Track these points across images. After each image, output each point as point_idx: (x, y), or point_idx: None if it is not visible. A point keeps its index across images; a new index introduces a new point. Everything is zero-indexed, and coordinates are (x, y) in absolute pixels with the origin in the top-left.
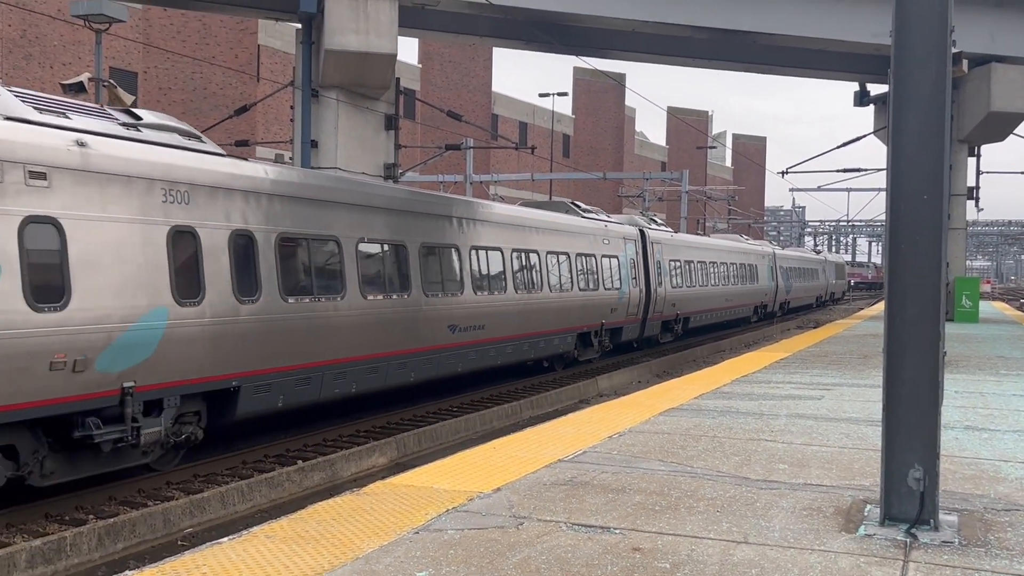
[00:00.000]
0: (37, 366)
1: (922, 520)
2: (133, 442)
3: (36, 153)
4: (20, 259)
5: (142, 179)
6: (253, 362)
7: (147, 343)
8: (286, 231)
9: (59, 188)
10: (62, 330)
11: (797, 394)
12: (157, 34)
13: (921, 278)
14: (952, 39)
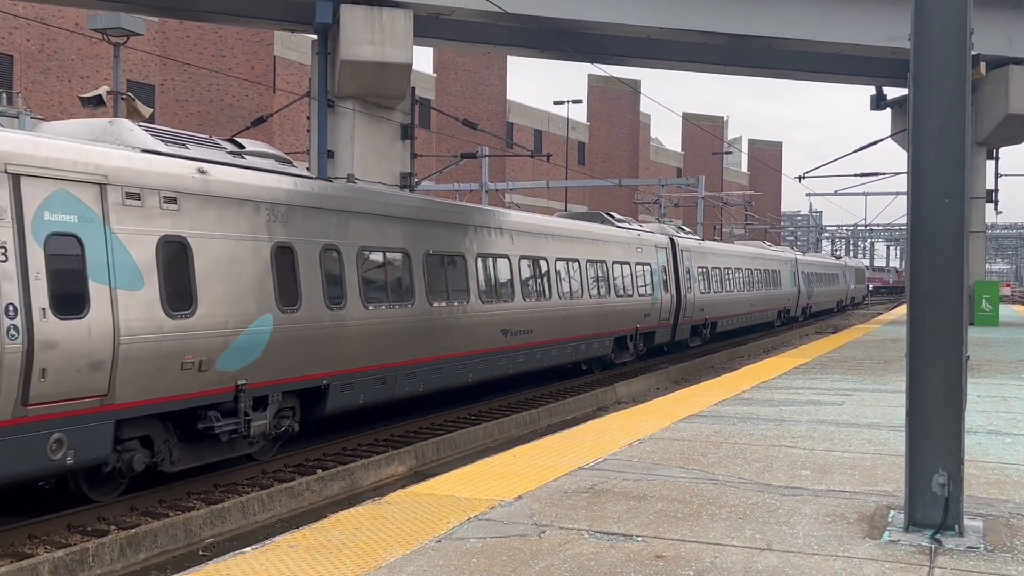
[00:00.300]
0: (171, 366)
1: (947, 526)
2: (244, 434)
3: (168, 181)
4: (159, 273)
5: (250, 201)
6: (339, 363)
7: (257, 345)
8: (365, 245)
9: (186, 211)
10: (191, 334)
11: (818, 400)
12: (174, 47)
13: (943, 282)
14: (971, 41)
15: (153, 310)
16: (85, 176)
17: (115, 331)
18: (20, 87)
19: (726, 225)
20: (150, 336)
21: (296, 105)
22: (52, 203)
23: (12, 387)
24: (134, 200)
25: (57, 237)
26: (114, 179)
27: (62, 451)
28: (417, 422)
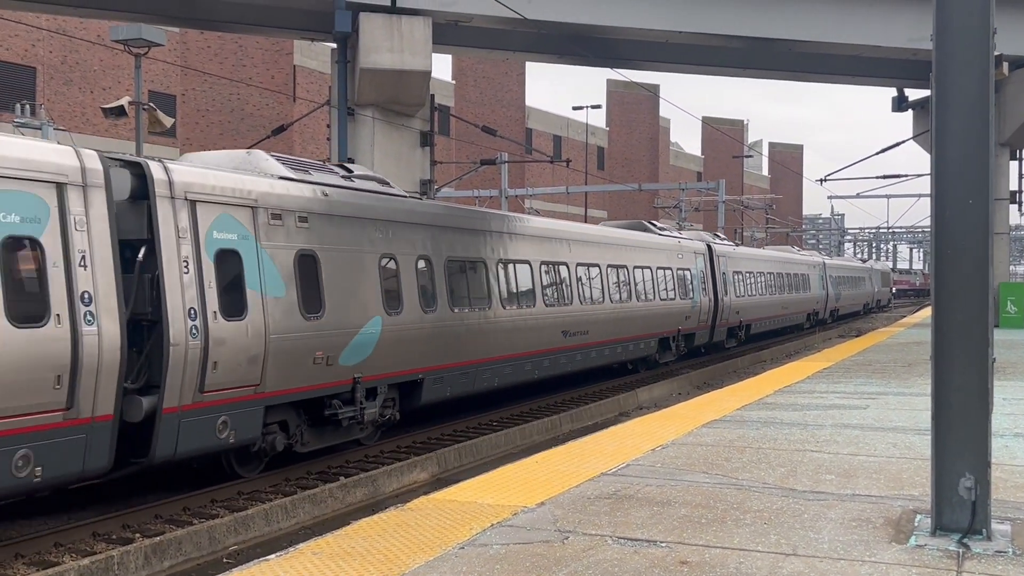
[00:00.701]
0: (306, 360)
1: (974, 530)
2: (359, 420)
3: (301, 203)
4: (296, 281)
5: (361, 219)
6: (431, 360)
7: (369, 344)
8: (451, 255)
9: (315, 228)
10: (320, 334)
11: (841, 404)
12: (194, 57)
13: (968, 283)
14: (993, 41)
15: (293, 313)
16: (241, 201)
17: (266, 330)
18: (43, 98)
19: (747, 228)
20: (291, 335)
21: (316, 114)
22: (219, 224)
23: (193, 377)
24: (277, 220)
25: (223, 252)
26: (262, 203)
27: (227, 431)
28: (439, 428)
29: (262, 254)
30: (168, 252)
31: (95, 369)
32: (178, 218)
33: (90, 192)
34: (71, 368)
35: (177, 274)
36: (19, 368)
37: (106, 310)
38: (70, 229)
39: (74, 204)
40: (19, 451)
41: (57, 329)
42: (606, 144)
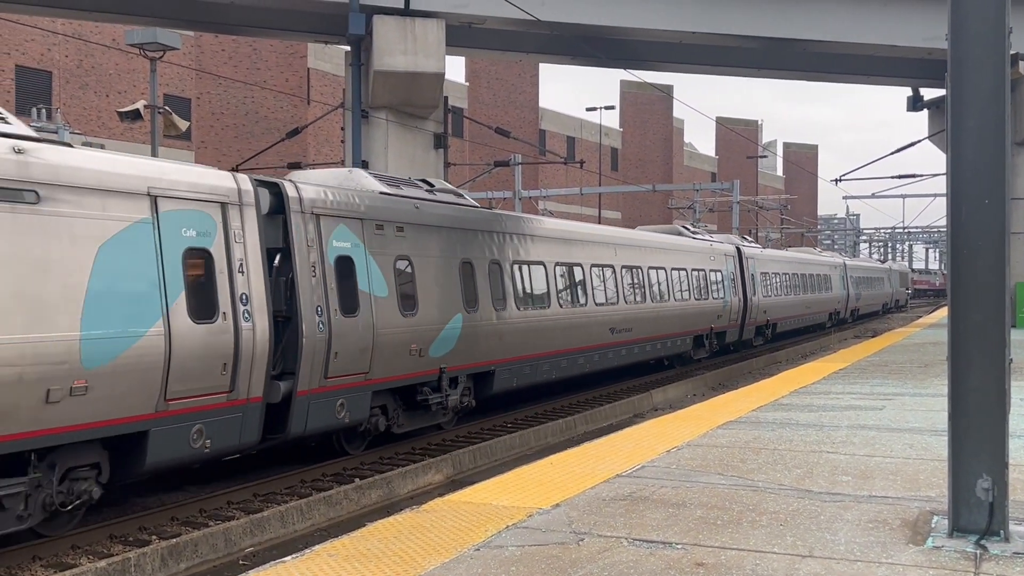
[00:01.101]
0: (403, 352)
1: (991, 531)
2: (444, 406)
3: (398, 215)
4: (394, 283)
5: (445, 228)
6: (501, 354)
7: (452, 338)
8: (515, 259)
9: (409, 237)
10: (415, 329)
11: (857, 405)
12: (209, 60)
13: (985, 284)
14: (1009, 40)
15: (393, 311)
16: (353, 214)
17: (373, 326)
18: (59, 102)
19: (761, 229)
20: (392, 330)
21: (330, 116)
22: (337, 234)
23: (320, 365)
24: (380, 230)
25: (340, 258)
26: (369, 215)
27: (343, 412)
28: (453, 431)
29: (369, 260)
30: (300, 258)
31: (251, 358)
32: (307, 230)
33: (245, 210)
34: (233, 357)
35: (308, 277)
36: (197, 357)
37: (258, 309)
38: (231, 241)
39: (233, 220)
40: (195, 426)
41: (223, 324)
42: (620, 145)
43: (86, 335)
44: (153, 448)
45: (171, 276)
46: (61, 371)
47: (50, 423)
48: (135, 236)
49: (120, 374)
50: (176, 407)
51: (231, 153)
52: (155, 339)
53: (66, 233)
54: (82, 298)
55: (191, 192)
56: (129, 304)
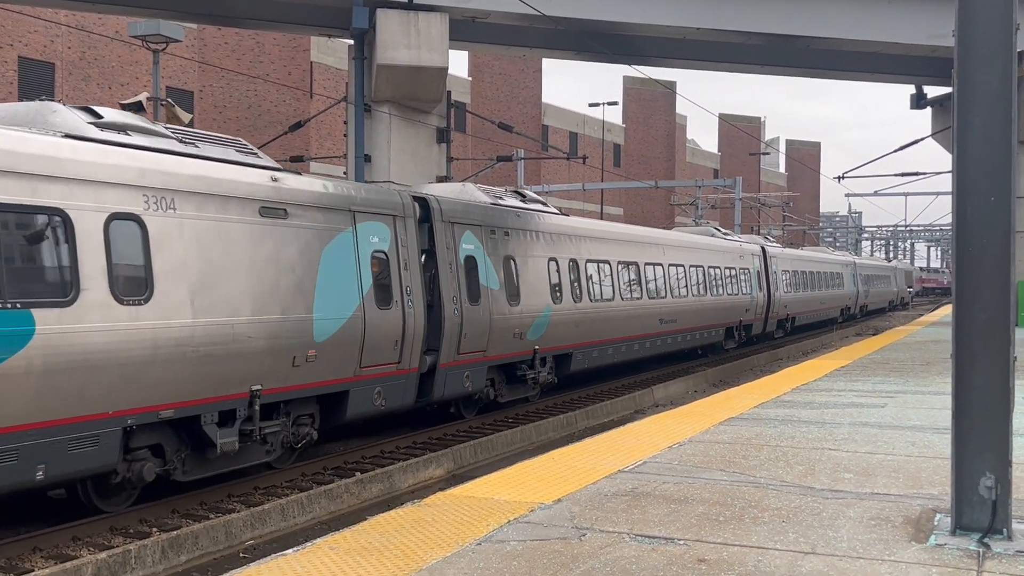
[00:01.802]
0: (509, 335)
1: (994, 529)
2: (536, 381)
3: (504, 221)
4: (503, 278)
5: (536, 231)
6: (577, 339)
7: (544, 325)
8: (588, 258)
9: (513, 239)
10: (518, 316)
11: (859, 402)
12: (212, 53)
13: (990, 282)
14: (1016, 37)
15: (502, 301)
16: (474, 222)
17: (490, 313)
18: (61, 94)
19: (763, 226)
20: (503, 316)
21: (333, 110)
22: (465, 238)
23: (454, 343)
24: (492, 235)
25: (467, 258)
26: (485, 223)
27: (468, 382)
28: (454, 425)
29: (486, 259)
30: (441, 258)
31: (412, 337)
32: (445, 235)
33: (407, 220)
34: (401, 336)
35: (447, 273)
36: (380, 335)
37: (416, 298)
38: (399, 245)
39: (400, 228)
40: (376, 388)
41: (396, 311)
42: (622, 141)
43: (316, 316)
44: (351, 404)
45: (364, 273)
46: (301, 343)
47: (293, 382)
48: (343, 242)
49: (334, 347)
50: (366, 373)
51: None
52: (356, 321)
53: (304, 240)
54: (313, 288)
55: (374, 208)
56: (341, 294)
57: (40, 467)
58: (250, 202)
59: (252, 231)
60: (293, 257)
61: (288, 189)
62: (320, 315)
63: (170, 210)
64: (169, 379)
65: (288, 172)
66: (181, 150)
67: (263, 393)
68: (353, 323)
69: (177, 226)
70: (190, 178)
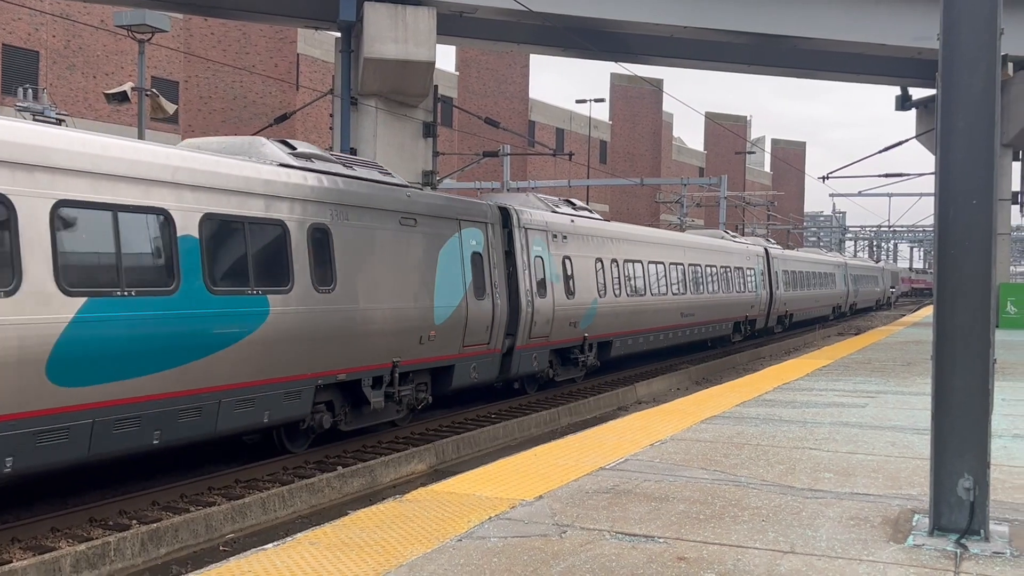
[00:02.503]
0: (566, 324)
1: (972, 530)
2: (585, 363)
3: (563, 228)
4: (563, 275)
5: (587, 235)
6: (616, 329)
7: (592, 316)
8: (627, 259)
9: (569, 242)
10: (573, 308)
11: (841, 402)
12: (198, 43)
13: (971, 284)
14: (1000, 41)
15: (563, 295)
16: (540, 228)
17: (553, 304)
18: (46, 83)
19: (748, 225)
20: (562, 308)
21: (319, 102)
22: (534, 242)
23: (527, 329)
24: (554, 238)
25: (536, 258)
26: (548, 228)
27: (535, 363)
28: (437, 420)
29: (550, 258)
30: (518, 257)
31: (499, 323)
32: (521, 239)
33: (495, 226)
34: (491, 322)
35: (522, 270)
36: (477, 321)
37: (501, 291)
38: (490, 247)
39: (490, 233)
40: (473, 364)
41: (488, 301)
42: (609, 138)
43: (436, 305)
44: (455, 376)
45: (467, 270)
46: (426, 326)
47: (419, 356)
48: (453, 245)
49: (447, 329)
50: (467, 352)
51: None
52: (461, 309)
53: (427, 243)
54: (434, 282)
55: (472, 216)
56: (452, 286)
57: (265, 413)
58: (393, 213)
59: (395, 236)
60: (420, 257)
61: (417, 202)
62: (439, 303)
63: (345, 221)
64: (344, 350)
65: (413, 187)
66: (346, 172)
67: (401, 364)
68: (460, 310)
69: (350, 233)
70: (356, 196)
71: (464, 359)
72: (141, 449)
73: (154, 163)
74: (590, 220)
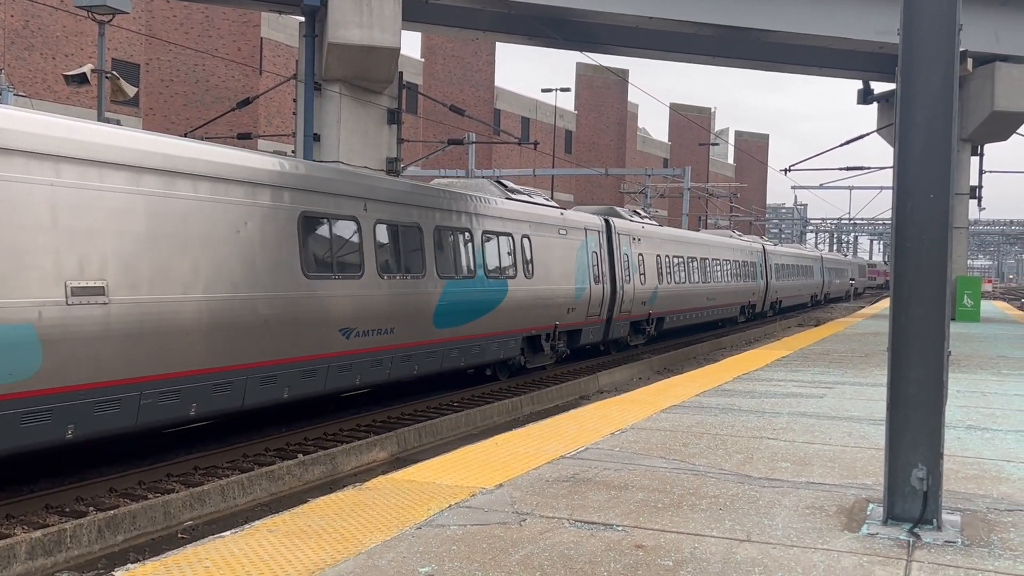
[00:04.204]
0: (639, 303)
1: (925, 520)
2: (648, 333)
3: (635, 232)
4: (638, 266)
5: (650, 237)
6: (668, 308)
7: (655, 298)
8: (672, 253)
9: (641, 242)
10: (644, 292)
11: (799, 392)
12: (160, 26)
13: (927, 277)
14: (959, 37)
15: (638, 281)
16: (626, 233)
17: (634, 288)
18: (3, 63)
19: (711, 216)
20: (639, 291)
21: (282, 87)
22: (622, 243)
23: (619, 306)
24: (633, 240)
25: (624, 254)
26: (631, 234)
27: (622, 331)
28: (399, 408)
29: (632, 255)
30: (616, 255)
31: (604, 301)
32: (616, 242)
33: (602, 234)
34: (601, 300)
35: (617, 264)
36: (595, 300)
37: (605, 279)
38: (600, 248)
39: (601, 238)
40: (591, 328)
41: (599, 286)
42: (574, 128)
43: (576, 287)
44: (583, 336)
45: (591, 264)
46: (569, 302)
47: (567, 321)
48: (583, 247)
49: (580, 304)
50: (588, 320)
51: (180, 121)
52: (587, 291)
53: (570, 246)
54: (574, 272)
55: (592, 227)
56: (582, 276)
57: (502, 351)
58: (554, 227)
59: (555, 242)
60: (567, 255)
61: (567, 219)
62: (576, 287)
63: (535, 233)
64: (535, 315)
65: (558, 207)
66: (531, 200)
67: (560, 326)
68: (586, 292)
69: (538, 240)
70: (540, 215)
71: (587, 325)
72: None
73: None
74: (652, 225)
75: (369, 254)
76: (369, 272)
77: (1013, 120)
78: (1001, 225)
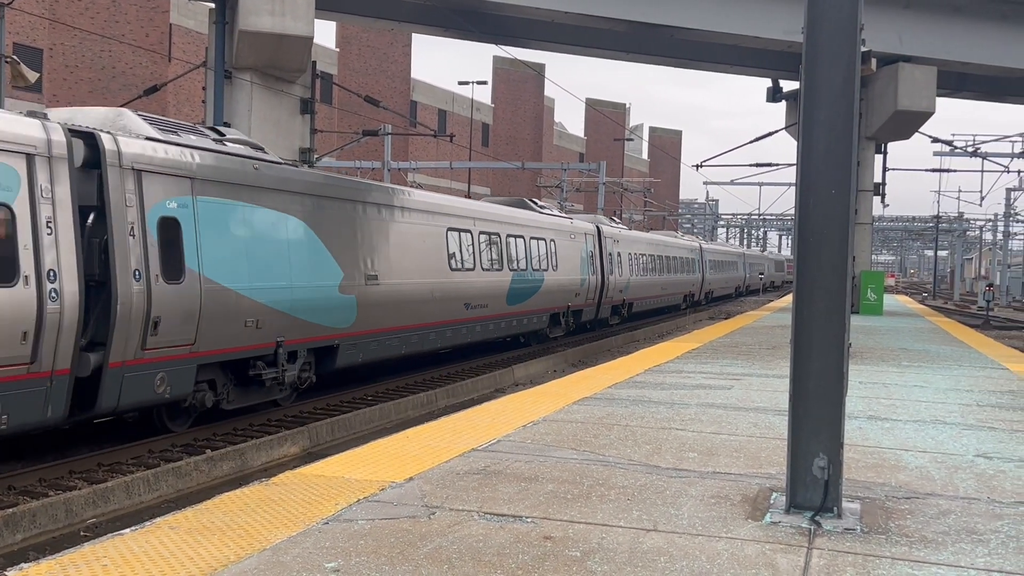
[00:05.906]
0: (619, 291)
1: (826, 508)
2: (624, 314)
3: (615, 234)
4: (619, 262)
5: (625, 239)
6: (636, 295)
7: (628, 287)
8: (640, 252)
9: (620, 242)
10: (622, 282)
11: (707, 384)
12: (64, 10)
13: (828, 272)
14: (862, 37)
15: (618, 274)
16: (610, 236)
17: (616, 279)
18: None
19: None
20: (619, 281)
21: (192, 75)
22: (608, 243)
23: (606, 293)
24: (615, 241)
25: (608, 253)
26: (612, 236)
27: (609, 312)
28: (312, 402)
29: (615, 253)
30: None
31: (597, 289)
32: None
33: (595, 236)
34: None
35: (605, 260)
36: (591, 287)
37: (598, 272)
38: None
39: (592, 242)
40: (587, 309)
41: (595, 277)
42: (491, 121)
43: (581, 278)
44: (584, 315)
45: (587, 259)
46: (576, 288)
47: (574, 303)
48: (583, 247)
49: (582, 291)
50: (586, 303)
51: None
52: (587, 280)
53: (576, 246)
54: (579, 266)
55: (587, 232)
56: (584, 268)
57: (535, 324)
58: (568, 232)
59: (569, 244)
60: (575, 253)
61: (575, 226)
62: (581, 278)
63: (559, 238)
64: (556, 298)
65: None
66: (551, 213)
67: (570, 307)
68: (586, 281)
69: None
70: (559, 224)
71: (587, 307)
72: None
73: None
74: (625, 230)
75: (477, 255)
76: (477, 267)
77: (915, 119)
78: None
